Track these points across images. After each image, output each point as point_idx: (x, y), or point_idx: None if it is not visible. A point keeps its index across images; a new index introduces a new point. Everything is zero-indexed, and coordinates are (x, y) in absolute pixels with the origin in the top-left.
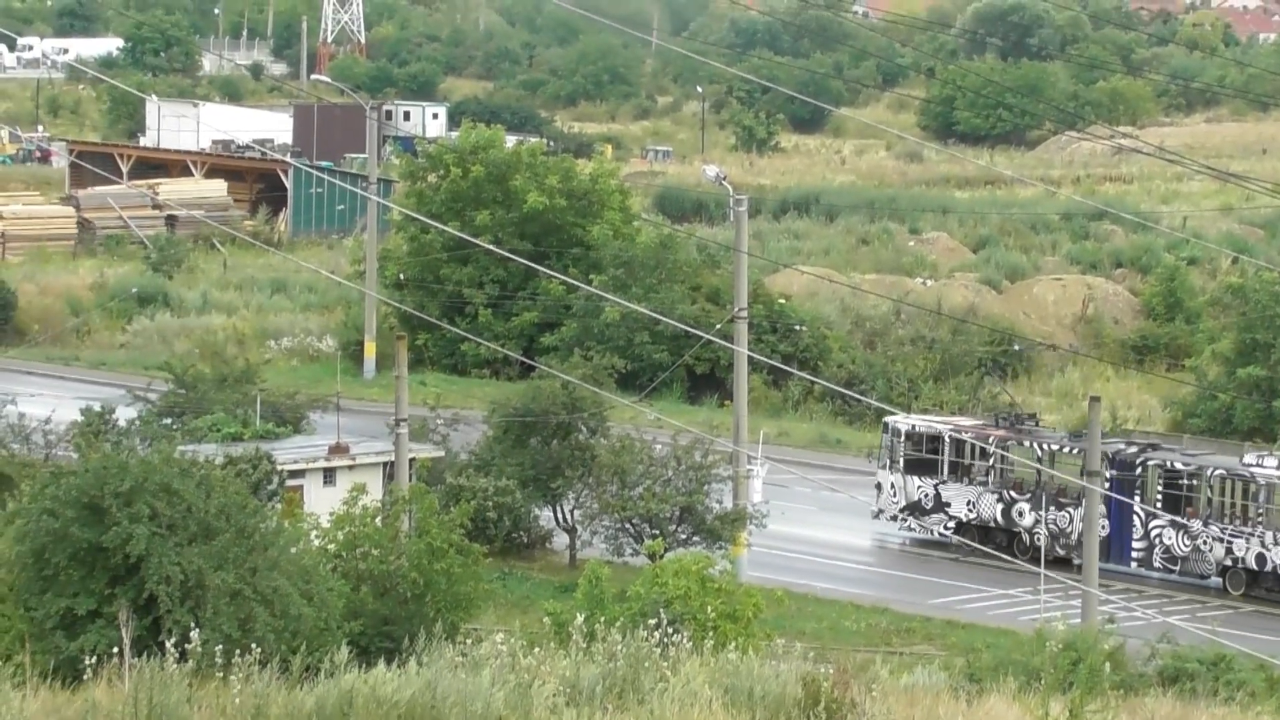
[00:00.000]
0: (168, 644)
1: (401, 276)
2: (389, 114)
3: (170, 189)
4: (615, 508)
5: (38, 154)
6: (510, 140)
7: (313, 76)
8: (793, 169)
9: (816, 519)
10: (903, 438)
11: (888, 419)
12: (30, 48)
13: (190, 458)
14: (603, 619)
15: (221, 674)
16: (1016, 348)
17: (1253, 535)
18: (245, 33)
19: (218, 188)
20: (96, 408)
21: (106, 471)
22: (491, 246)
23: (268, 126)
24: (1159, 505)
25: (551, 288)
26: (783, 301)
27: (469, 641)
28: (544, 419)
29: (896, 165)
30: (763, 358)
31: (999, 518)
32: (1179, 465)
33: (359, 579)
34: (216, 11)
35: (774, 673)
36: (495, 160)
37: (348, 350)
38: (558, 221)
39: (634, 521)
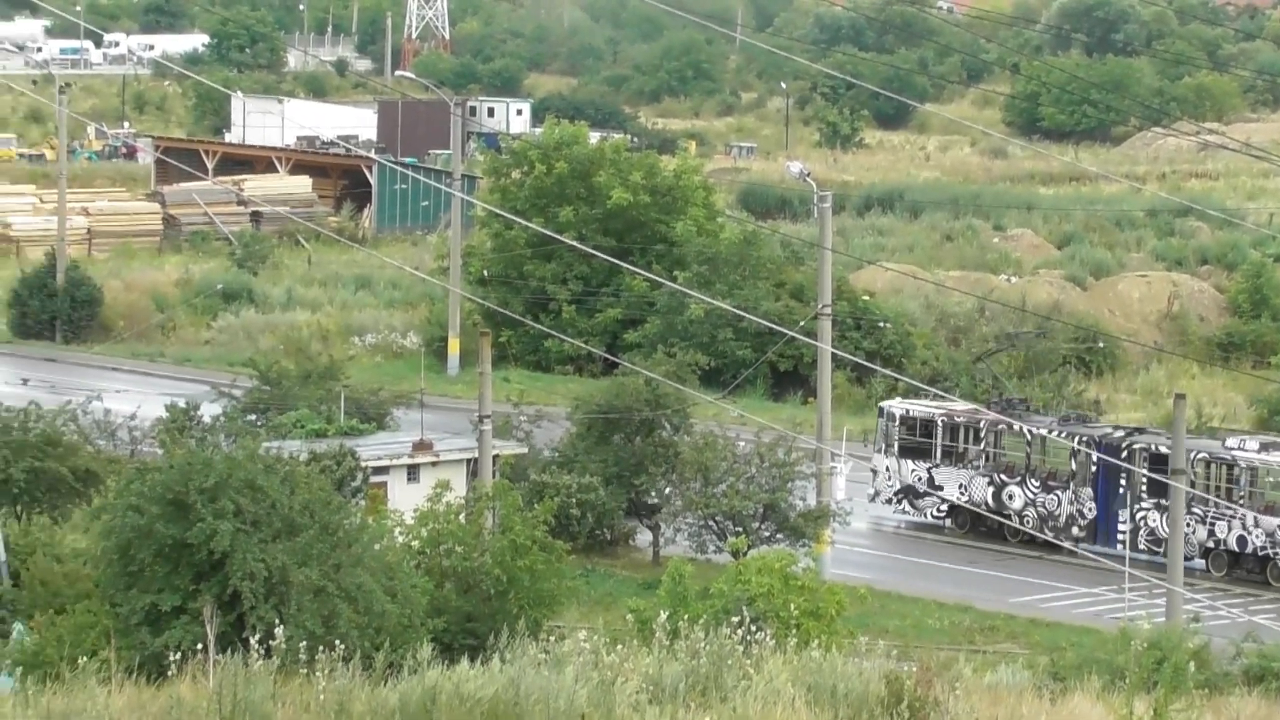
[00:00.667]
0: (252, 640)
1: (485, 273)
2: (473, 110)
3: (255, 185)
4: (699, 505)
5: (124, 150)
6: (594, 136)
7: (397, 73)
8: (877, 165)
9: (898, 516)
10: (898, 422)
11: (883, 404)
12: (117, 44)
13: (274, 454)
14: (685, 616)
15: (305, 670)
16: (1101, 344)
17: (1234, 518)
18: (330, 29)
19: (302, 184)
20: (181, 404)
21: (191, 468)
22: (575, 243)
23: (352, 123)
24: (1144, 489)
25: (635, 284)
26: (866, 298)
27: (552, 639)
28: (627, 416)
29: (981, 161)
30: (846, 355)
31: (990, 500)
32: (1163, 449)
33: (442, 576)
34: (301, 7)
35: (857, 671)
36: (579, 156)
37: (432, 347)
38: (641, 218)
39: (717, 519)
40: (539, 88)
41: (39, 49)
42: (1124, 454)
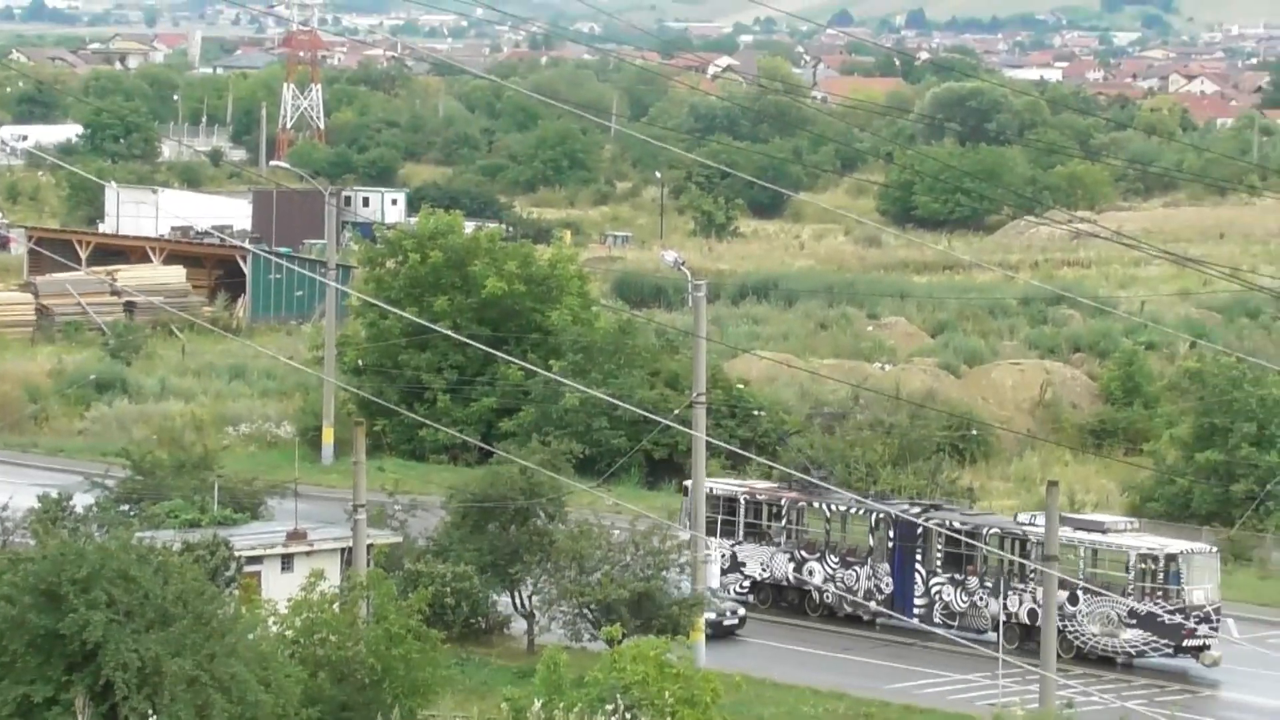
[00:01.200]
0: None
1: (360, 362)
2: (348, 199)
3: (129, 275)
4: (573, 593)
5: None
6: (469, 226)
7: (272, 162)
8: (751, 254)
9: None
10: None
11: (686, 482)
12: None
13: (148, 544)
14: (561, 705)
15: None
16: (974, 432)
17: (1025, 591)
18: (205, 119)
19: (177, 274)
20: (54, 494)
21: (64, 558)
22: (450, 332)
23: (227, 212)
24: (939, 564)
25: (510, 373)
26: (741, 386)
27: None
28: (502, 504)
29: (855, 250)
30: (721, 443)
31: (790, 576)
32: (957, 525)
33: (317, 665)
34: (176, 98)
35: None
36: (454, 246)
37: (306, 436)
38: (516, 307)
39: (592, 607)
40: (414, 177)
41: None
42: (919, 530)
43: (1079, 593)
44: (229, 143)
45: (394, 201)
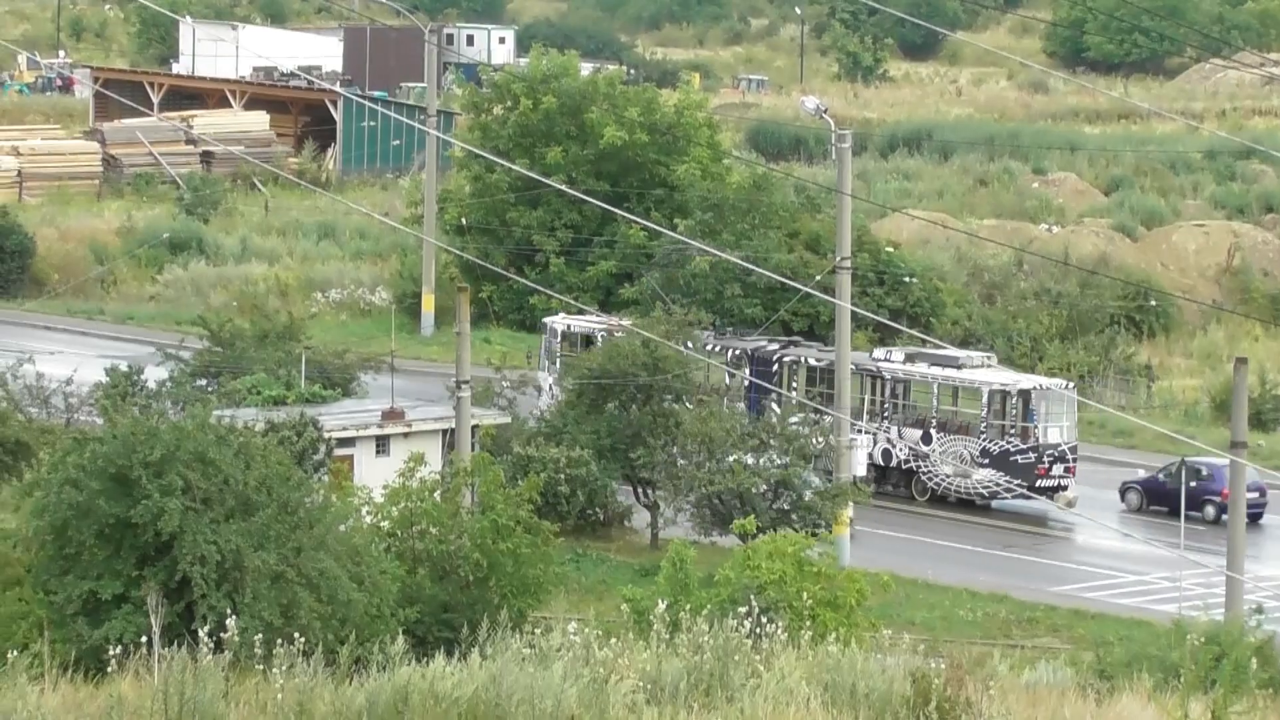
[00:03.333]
0: (201, 632)
1: (464, 221)
2: (450, 38)
3: (206, 122)
4: (702, 482)
5: (59, 82)
6: (586, 68)
7: None
8: (902, 101)
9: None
10: (560, 338)
11: (547, 319)
12: None
13: (227, 424)
14: (687, 606)
15: (261, 666)
16: (1153, 302)
17: (879, 430)
18: None
19: (259, 121)
20: (123, 367)
21: (135, 438)
22: (564, 187)
23: (315, 52)
24: (794, 396)
25: (631, 233)
26: (890, 250)
27: (538, 631)
28: (622, 381)
29: (1019, 96)
30: (868, 313)
31: None
32: (813, 361)
33: (415, 560)
34: None
35: (879, 668)
36: (569, 90)
37: (403, 304)
38: (638, 159)
39: (723, 497)
40: (524, 13)
41: None
42: (775, 366)
43: (931, 431)
44: None
45: (501, 40)
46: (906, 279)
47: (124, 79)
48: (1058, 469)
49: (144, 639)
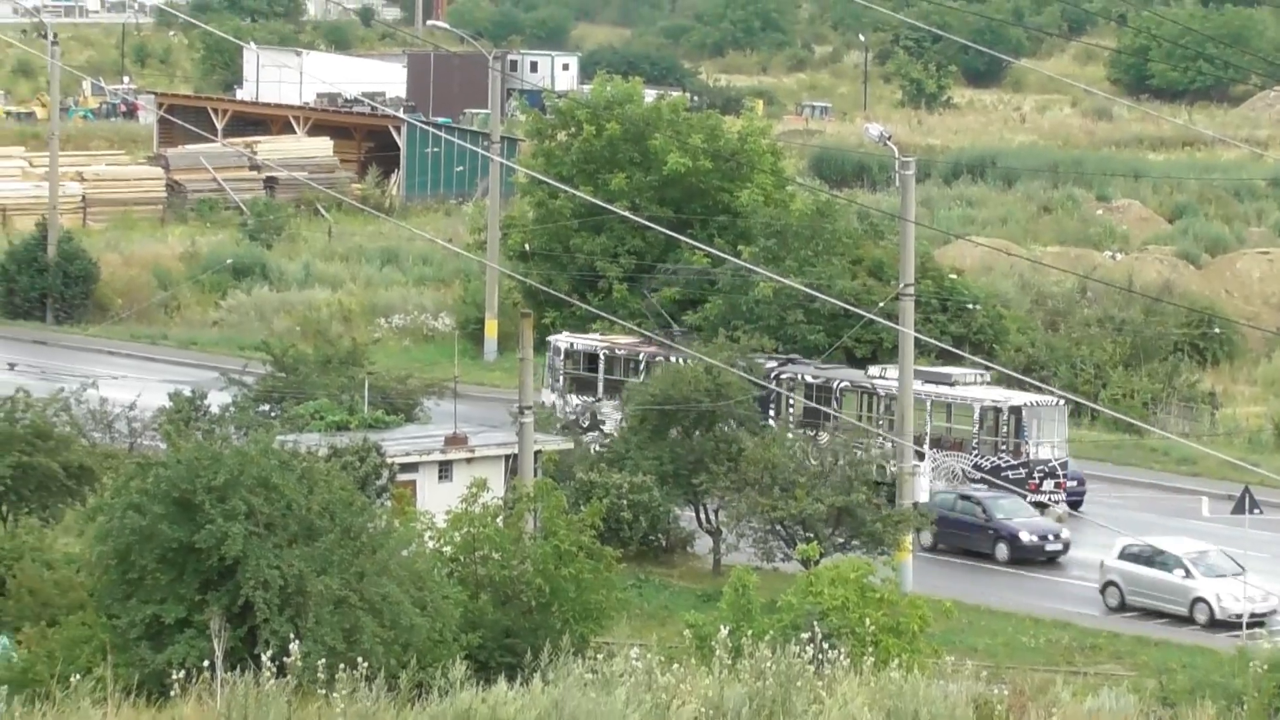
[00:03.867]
0: (264, 657)
1: (527, 247)
2: (514, 64)
3: (270, 148)
4: (764, 507)
5: (123, 108)
6: (649, 94)
7: (429, 22)
8: (966, 128)
9: None
10: (563, 356)
11: (551, 337)
12: None
13: (291, 449)
14: (750, 632)
15: (324, 691)
16: (1217, 330)
17: (876, 448)
18: None
19: (323, 146)
20: (186, 392)
21: (198, 463)
22: (628, 213)
23: (379, 78)
24: (794, 418)
25: (694, 260)
26: (954, 276)
27: (600, 656)
28: (685, 407)
29: (1083, 124)
30: (931, 339)
31: None
32: (809, 379)
33: (478, 585)
34: None
35: (942, 694)
36: (633, 117)
37: (466, 329)
38: (702, 186)
39: (785, 523)
40: (588, 39)
41: None
42: (773, 382)
43: (925, 448)
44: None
45: (565, 67)
46: (970, 306)
47: (188, 105)
48: (1048, 484)
49: (206, 663)
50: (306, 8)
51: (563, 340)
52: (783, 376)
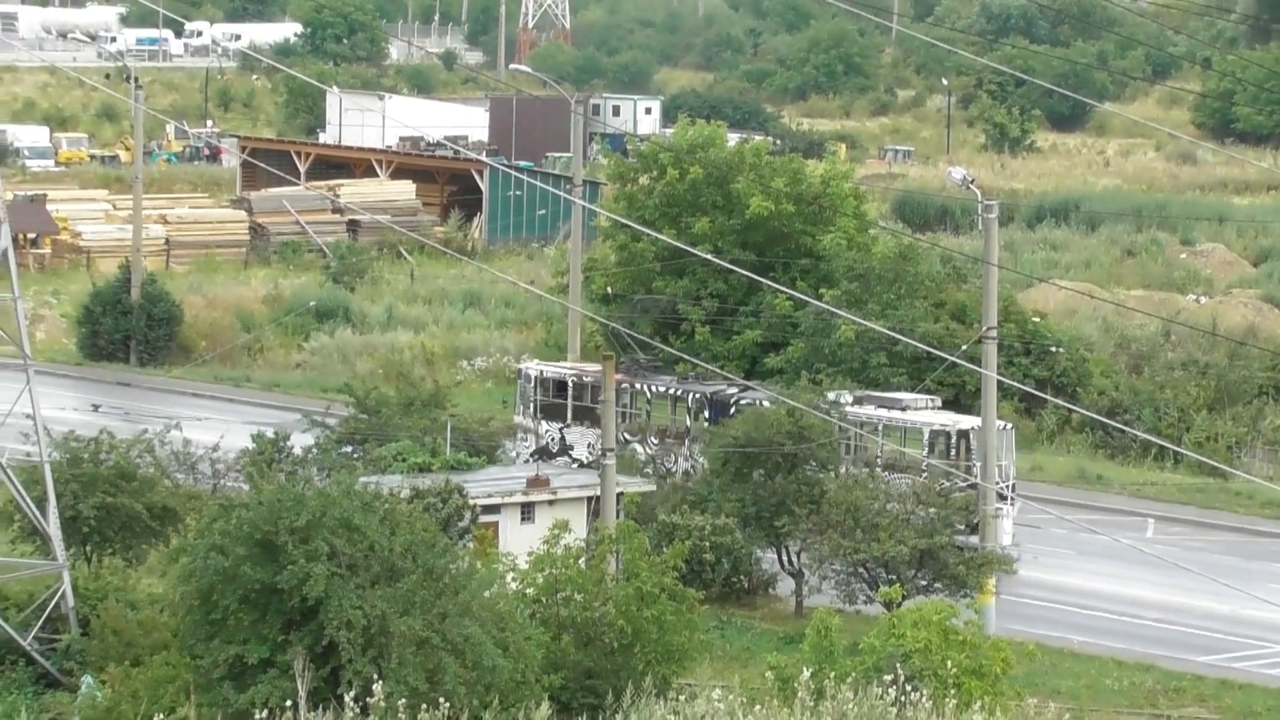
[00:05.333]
0: (347, 697)
1: (609, 290)
2: (596, 108)
3: (353, 191)
4: (847, 550)
5: (206, 151)
6: (732, 138)
7: (511, 66)
8: (1050, 171)
9: (1074, 564)
10: (534, 383)
11: (522, 365)
12: (199, 34)
13: (373, 490)
14: (832, 674)
15: None
16: None
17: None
18: (437, 17)
19: (405, 190)
20: (269, 434)
21: (281, 505)
22: (710, 257)
23: (461, 122)
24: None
25: (777, 303)
26: (1037, 320)
27: (682, 698)
28: (768, 450)
29: (1167, 168)
30: (1014, 383)
31: None
32: (767, 404)
33: (560, 627)
34: None
35: None
36: (715, 160)
37: None
38: (785, 229)
39: (868, 565)
40: (670, 83)
41: (113, 39)
42: (734, 409)
43: (875, 470)
44: (464, 44)
45: (648, 110)
46: (1053, 349)
47: (271, 148)
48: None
49: (289, 703)
50: (389, 52)
51: (533, 368)
52: (741, 402)
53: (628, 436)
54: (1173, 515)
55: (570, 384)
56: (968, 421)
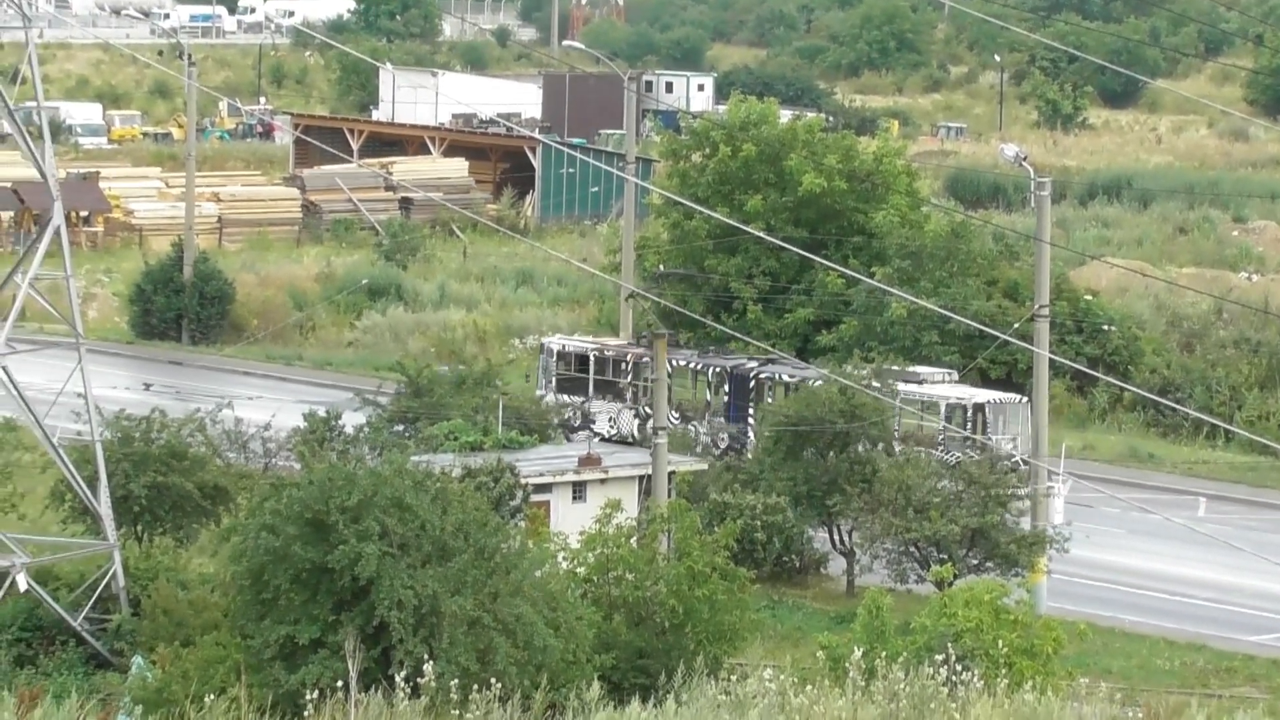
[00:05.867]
0: (398, 677)
1: (662, 267)
2: (649, 85)
3: (405, 168)
4: (899, 529)
5: (259, 129)
6: (785, 115)
7: (565, 43)
8: (1102, 148)
9: (1125, 543)
10: (556, 357)
11: (544, 339)
12: (252, 10)
13: (425, 469)
14: (884, 654)
15: (457, 711)
16: None
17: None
18: None
19: (458, 167)
20: (321, 412)
21: (332, 484)
22: (763, 234)
23: (514, 99)
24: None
25: (829, 281)
26: (1089, 298)
27: (734, 678)
28: (820, 428)
29: (1220, 145)
30: (1066, 361)
31: (635, 433)
32: (786, 378)
33: (611, 606)
34: None
35: (1076, 716)
36: (768, 138)
37: None
38: (837, 206)
39: (919, 545)
40: (723, 60)
41: (166, 16)
42: (753, 383)
43: (893, 445)
44: (517, 20)
45: (700, 87)
46: (1105, 327)
47: (324, 126)
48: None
49: (340, 684)
50: (442, 29)
51: (555, 342)
52: (761, 376)
53: (649, 409)
54: (1224, 494)
55: (592, 358)
56: (983, 395)
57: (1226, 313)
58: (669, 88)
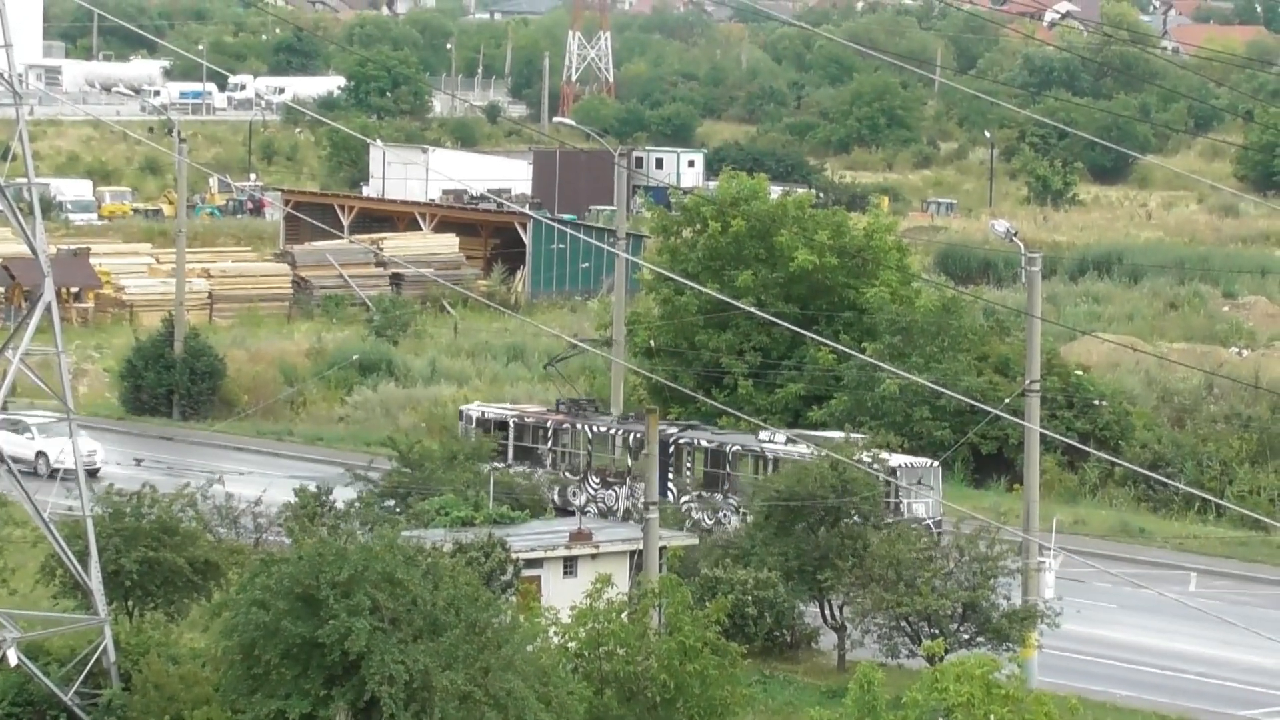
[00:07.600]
0: None
1: (652, 343)
2: (639, 161)
3: (396, 244)
4: (890, 604)
5: (250, 205)
6: (775, 191)
7: (555, 119)
8: (1092, 224)
9: (1117, 618)
10: (475, 424)
11: (463, 407)
12: (243, 87)
13: (415, 544)
14: None
15: None
16: None
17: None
18: (480, 71)
19: (449, 243)
20: (312, 488)
21: (323, 559)
22: (754, 310)
23: (504, 175)
24: (692, 483)
25: (820, 356)
26: (1080, 373)
27: None
28: (811, 503)
29: (1210, 220)
30: (1057, 436)
31: (555, 499)
32: (704, 443)
33: (603, 681)
34: (448, 47)
35: None
36: (758, 213)
37: None
38: (828, 282)
39: (911, 619)
40: (713, 136)
41: (156, 92)
42: (672, 448)
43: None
44: (507, 97)
45: (691, 163)
46: (1096, 402)
47: (314, 201)
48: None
49: None
50: (433, 105)
51: (474, 409)
52: (680, 442)
53: (568, 476)
54: (1216, 569)
55: (511, 424)
56: (896, 459)
57: (1217, 388)
58: (659, 164)
